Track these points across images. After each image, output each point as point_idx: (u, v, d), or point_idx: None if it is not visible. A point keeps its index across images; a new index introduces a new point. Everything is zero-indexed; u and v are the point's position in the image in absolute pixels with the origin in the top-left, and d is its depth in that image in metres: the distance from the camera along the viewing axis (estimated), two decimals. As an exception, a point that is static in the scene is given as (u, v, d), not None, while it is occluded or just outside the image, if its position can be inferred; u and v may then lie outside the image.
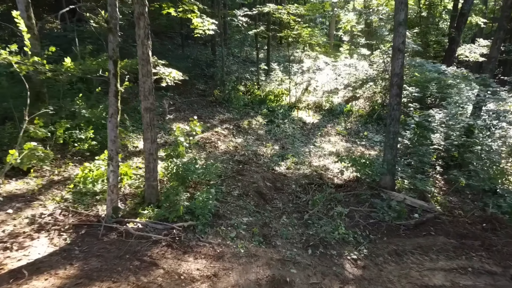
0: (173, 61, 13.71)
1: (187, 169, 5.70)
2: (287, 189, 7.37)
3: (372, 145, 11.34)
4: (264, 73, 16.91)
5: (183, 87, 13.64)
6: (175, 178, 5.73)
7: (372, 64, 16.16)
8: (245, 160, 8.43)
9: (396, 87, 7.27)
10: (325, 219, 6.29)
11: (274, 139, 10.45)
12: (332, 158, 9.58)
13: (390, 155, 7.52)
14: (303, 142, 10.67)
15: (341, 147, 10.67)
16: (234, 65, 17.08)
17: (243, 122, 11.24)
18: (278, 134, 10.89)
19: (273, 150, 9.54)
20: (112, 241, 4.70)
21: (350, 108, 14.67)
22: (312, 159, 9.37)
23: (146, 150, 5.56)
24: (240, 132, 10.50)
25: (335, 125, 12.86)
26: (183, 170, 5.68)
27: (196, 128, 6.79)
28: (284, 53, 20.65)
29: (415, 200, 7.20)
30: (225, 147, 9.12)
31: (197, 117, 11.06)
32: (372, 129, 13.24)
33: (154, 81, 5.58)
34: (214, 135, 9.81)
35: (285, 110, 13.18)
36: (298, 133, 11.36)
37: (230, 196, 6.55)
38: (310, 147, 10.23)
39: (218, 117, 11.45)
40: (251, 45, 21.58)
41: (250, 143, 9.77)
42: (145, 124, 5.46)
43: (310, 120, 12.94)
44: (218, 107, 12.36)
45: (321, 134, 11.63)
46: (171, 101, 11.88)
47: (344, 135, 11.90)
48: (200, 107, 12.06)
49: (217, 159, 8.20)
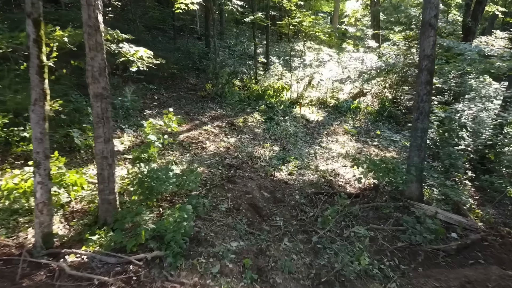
0: (160, 52, 12.26)
1: (157, 178, 4.21)
2: (289, 200, 5.88)
3: (386, 146, 9.87)
4: (263, 67, 15.43)
5: (171, 80, 12.17)
6: (139, 190, 4.24)
7: (381, 56, 14.70)
8: (238, 164, 6.94)
9: (426, 73, 5.80)
10: (340, 243, 4.80)
11: (274, 138, 8.96)
12: (342, 161, 8.09)
13: (417, 157, 6.04)
14: (307, 142, 9.18)
15: (351, 148, 9.19)
16: (230, 59, 15.61)
17: (237, 120, 9.76)
18: (278, 133, 9.41)
19: (272, 151, 8.06)
20: (35, 285, 3.21)
21: (358, 105, 13.21)
22: (318, 162, 7.88)
23: (97, 153, 4.08)
24: (234, 130, 9.01)
25: (342, 123, 11.38)
26: (151, 179, 4.20)
27: (172, 124, 5.28)
28: (285, 49, 19.20)
29: (450, 215, 5.72)
30: (215, 148, 7.63)
31: (185, 114, 9.59)
32: (383, 127, 11.78)
33: (123, 68, 4.11)
34: (202, 134, 8.32)
35: (286, 107, 11.70)
36: (301, 132, 9.87)
37: (216, 211, 5.06)
38: (316, 148, 8.74)
39: (209, 113, 9.97)
40: (249, 39, 20.21)
41: (245, 143, 8.29)
42: (95, 117, 3.98)
43: (314, 118, 11.46)
44: (210, 103, 10.88)
45: (327, 133, 10.15)
46: (155, 96, 10.40)
47: (354, 134, 10.42)
48: (189, 103, 10.58)
49: (203, 163, 6.71)
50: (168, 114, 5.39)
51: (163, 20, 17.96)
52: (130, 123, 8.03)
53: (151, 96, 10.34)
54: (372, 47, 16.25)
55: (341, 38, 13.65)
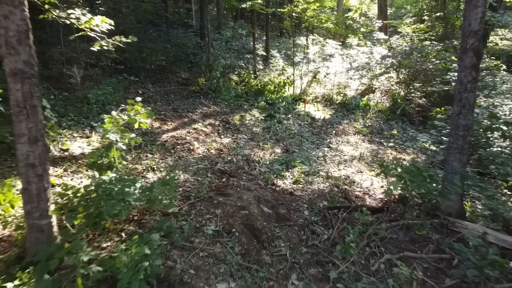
0: (148, 43, 11.00)
1: (108, 195, 2.92)
2: (296, 218, 4.59)
3: (403, 147, 8.59)
4: (262, 61, 14.17)
5: (160, 74, 10.89)
6: (82, 213, 2.94)
7: (391, 49, 13.43)
8: (232, 170, 5.64)
9: (472, 54, 4.51)
10: (367, 279, 3.51)
11: (275, 139, 7.67)
12: (357, 166, 6.80)
13: (458, 162, 4.76)
14: (314, 143, 7.89)
15: (365, 149, 7.90)
16: (227, 53, 14.35)
17: (233, 117, 8.48)
18: (280, 132, 8.12)
19: (274, 154, 6.77)
20: None
21: (367, 102, 11.94)
22: (329, 167, 6.60)
23: (20, 158, 2.79)
24: (229, 129, 7.72)
25: (351, 122, 10.10)
26: (99, 196, 2.90)
27: (139, 118, 3.97)
28: (286, 45, 17.96)
29: (504, 236, 4.43)
30: (205, 150, 6.34)
31: (172, 110, 8.31)
32: (397, 126, 10.50)
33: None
34: (191, 133, 7.03)
35: (288, 103, 10.43)
36: (306, 131, 8.58)
37: (200, 235, 3.77)
38: (325, 150, 7.45)
39: (201, 110, 8.68)
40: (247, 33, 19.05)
41: (241, 144, 6.99)
42: (15, 106, 2.69)
43: (320, 116, 10.19)
44: (202, 98, 9.59)
45: (336, 132, 8.86)
46: (139, 90, 9.11)
47: (366, 134, 9.14)
48: (179, 98, 9.29)
49: (188, 169, 5.42)
50: (135, 106, 4.08)
51: (156, 14, 16.87)
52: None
53: (135, 91, 9.05)
54: (381, 39, 14.99)
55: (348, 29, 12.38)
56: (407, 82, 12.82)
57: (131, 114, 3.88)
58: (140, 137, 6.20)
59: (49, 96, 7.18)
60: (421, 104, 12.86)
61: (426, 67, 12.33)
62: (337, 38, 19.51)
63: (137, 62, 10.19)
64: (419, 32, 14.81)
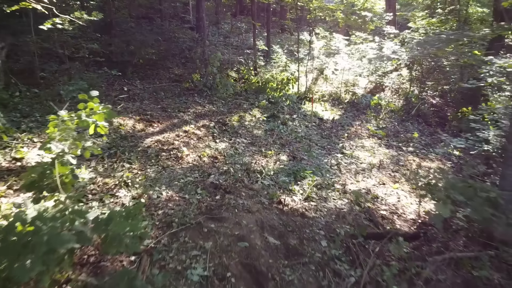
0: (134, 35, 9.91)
1: (27, 245, 1.83)
2: (311, 251, 3.49)
3: (424, 152, 7.52)
4: (264, 57, 13.08)
5: (151, 69, 9.80)
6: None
7: (404, 43, 12.35)
8: (228, 183, 4.54)
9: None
10: None
11: (279, 143, 6.57)
12: (378, 176, 5.72)
13: (520, 177, 3.68)
14: (325, 148, 6.80)
15: (383, 155, 6.82)
16: (225, 48, 13.27)
17: (231, 118, 7.39)
18: (284, 135, 7.03)
19: (279, 162, 5.68)
20: None
21: (378, 101, 10.87)
22: (345, 178, 5.51)
23: None
24: (226, 132, 6.63)
25: (364, 123, 9.02)
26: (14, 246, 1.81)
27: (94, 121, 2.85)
28: (287, 41, 16.87)
29: None
30: (196, 158, 5.24)
31: (160, 110, 7.22)
32: (413, 128, 9.44)
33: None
34: (180, 136, 5.93)
35: (293, 102, 9.33)
36: (314, 134, 7.49)
37: (182, 283, 2.69)
38: (338, 157, 6.36)
39: (194, 109, 7.58)
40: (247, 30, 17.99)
41: (240, 150, 5.90)
42: None
43: (329, 116, 9.10)
44: (197, 97, 8.50)
45: (348, 135, 7.77)
46: (125, 87, 8.02)
47: (381, 137, 8.06)
48: (169, 96, 8.19)
49: (173, 183, 4.32)
50: (88, 102, 2.93)
51: (151, 8, 15.85)
52: (77, 122, 5.65)
53: (119, 87, 7.97)
54: (391, 34, 13.90)
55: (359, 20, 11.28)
56: (421, 79, 11.76)
57: (83, 114, 2.77)
58: (118, 142, 5.13)
59: (14, 93, 6.09)
60: (435, 104, 11.80)
61: (441, 63, 11.30)
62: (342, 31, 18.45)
63: (123, 55, 9.10)
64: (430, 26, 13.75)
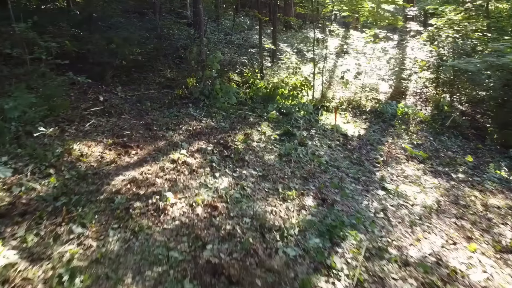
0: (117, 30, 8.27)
1: None
2: None
3: (478, 180, 5.88)
4: (270, 57, 11.43)
5: (137, 72, 8.14)
6: None
7: (433, 41, 10.69)
8: (234, 261, 2.90)
9: None
10: None
11: (300, 175, 4.92)
12: (442, 227, 4.08)
13: None
14: (359, 180, 5.15)
15: (435, 190, 5.17)
16: (226, 47, 11.61)
17: (234, 137, 5.74)
18: (304, 161, 5.38)
19: (303, 210, 4.03)
20: None
21: (405, 110, 9.25)
22: (398, 233, 3.87)
23: None
24: (228, 159, 4.98)
25: (395, 140, 7.39)
26: None
27: None
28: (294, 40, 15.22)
29: None
30: (185, 211, 3.58)
31: (143, 127, 5.55)
32: (450, 144, 7.84)
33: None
34: (166, 171, 4.28)
35: (309, 113, 7.70)
36: (341, 159, 5.84)
37: None
38: (380, 196, 4.71)
39: (187, 126, 5.93)
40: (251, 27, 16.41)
41: (248, 189, 4.25)
42: None
43: (353, 131, 7.46)
44: (191, 107, 6.84)
45: (383, 159, 6.13)
46: (100, 96, 6.36)
47: (423, 159, 6.43)
48: (157, 107, 6.54)
49: (144, 268, 2.67)
50: None
51: (146, 2, 14.26)
52: (19, 152, 3.98)
53: (94, 97, 6.31)
54: (415, 31, 12.24)
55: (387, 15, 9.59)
56: (454, 85, 10.14)
57: None
58: (73, 186, 3.49)
59: None
60: (466, 113, 10.20)
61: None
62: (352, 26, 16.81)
63: (102, 56, 7.45)
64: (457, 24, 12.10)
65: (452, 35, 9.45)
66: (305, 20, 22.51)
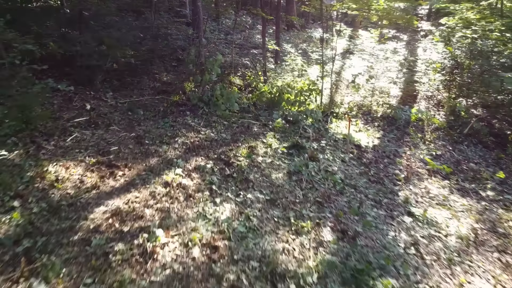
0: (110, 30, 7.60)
1: None
2: None
3: (509, 199, 5.22)
4: (273, 58, 10.77)
5: (130, 76, 7.47)
6: None
7: (449, 41, 10.01)
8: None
9: None
10: None
11: (313, 198, 4.26)
12: (484, 265, 3.42)
13: None
14: (381, 204, 4.49)
15: (467, 213, 4.52)
16: (227, 47, 10.95)
17: (237, 151, 5.09)
18: (317, 180, 4.72)
19: (321, 247, 3.37)
20: None
21: (420, 115, 8.59)
22: (435, 276, 3.21)
23: None
24: (230, 179, 4.32)
25: (413, 150, 6.74)
26: None
27: None
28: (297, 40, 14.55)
29: None
30: (179, 253, 2.93)
31: (134, 141, 4.89)
32: (471, 154, 7.20)
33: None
34: (158, 197, 3.62)
35: (317, 121, 7.04)
36: (357, 176, 5.18)
37: None
38: (406, 223, 4.05)
39: (184, 138, 5.27)
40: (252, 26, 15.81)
41: (254, 220, 3.58)
42: None
43: (366, 140, 6.81)
44: (189, 116, 6.18)
45: (403, 175, 5.47)
46: (87, 104, 5.69)
47: (446, 173, 5.77)
48: (151, 116, 5.88)
49: None
50: None
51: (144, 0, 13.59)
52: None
53: (80, 105, 5.65)
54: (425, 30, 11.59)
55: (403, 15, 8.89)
56: (471, 88, 9.47)
57: None
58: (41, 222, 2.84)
59: None
60: (480, 117, 9.55)
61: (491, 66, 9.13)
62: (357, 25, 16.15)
63: (92, 59, 6.77)
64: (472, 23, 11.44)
65: (471, 35, 8.77)
66: (307, 18, 21.84)
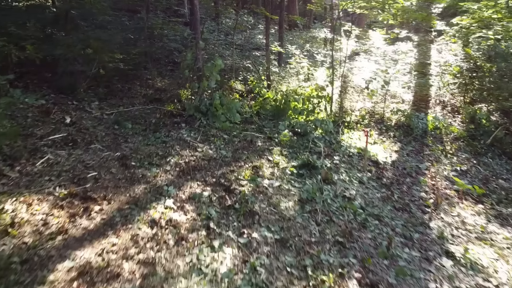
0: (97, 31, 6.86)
1: None
2: None
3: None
4: (276, 60, 10.03)
5: (120, 82, 6.74)
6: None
7: (467, 43, 9.27)
8: None
9: None
10: None
11: (332, 236, 3.52)
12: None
13: None
14: (413, 241, 3.75)
15: (514, 251, 3.80)
16: (227, 49, 10.21)
17: (239, 173, 4.35)
18: (334, 210, 4.00)
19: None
20: None
21: (437, 123, 7.87)
22: None
23: None
24: (232, 211, 3.59)
25: (435, 165, 6.01)
26: None
27: None
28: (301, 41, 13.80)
29: None
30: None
31: (117, 163, 4.13)
32: (497, 168, 6.50)
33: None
34: (140, 243, 2.90)
35: (328, 132, 6.31)
36: (380, 202, 4.45)
37: None
38: (447, 269, 3.33)
39: (178, 157, 4.53)
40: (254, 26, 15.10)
41: (263, 273, 2.86)
42: None
43: (383, 154, 6.08)
44: (184, 128, 5.45)
45: (432, 199, 4.73)
46: (68, 116, 4.94)
47: (479, 196, 5.04)
48: (140, 131, 5.14)
49: None
50: None
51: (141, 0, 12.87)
52: None
53: (59, 117, 4.91)
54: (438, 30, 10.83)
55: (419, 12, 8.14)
56: (493, 93, 8.73)
57: None
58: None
59: None
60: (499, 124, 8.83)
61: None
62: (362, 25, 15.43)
63: (76, 64, 6.04)
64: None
65: (493, 36, 8.02)
66: (310, 18, 21.08)
